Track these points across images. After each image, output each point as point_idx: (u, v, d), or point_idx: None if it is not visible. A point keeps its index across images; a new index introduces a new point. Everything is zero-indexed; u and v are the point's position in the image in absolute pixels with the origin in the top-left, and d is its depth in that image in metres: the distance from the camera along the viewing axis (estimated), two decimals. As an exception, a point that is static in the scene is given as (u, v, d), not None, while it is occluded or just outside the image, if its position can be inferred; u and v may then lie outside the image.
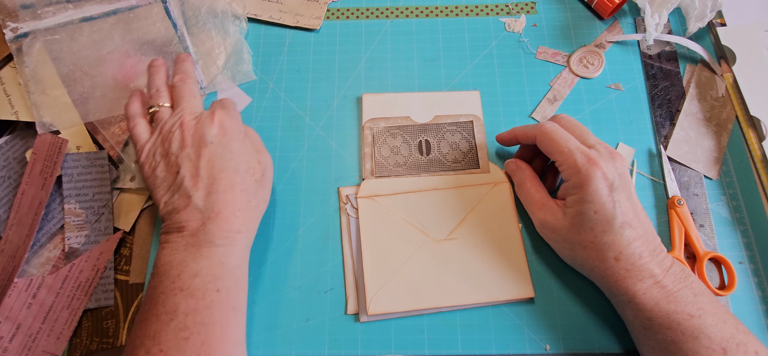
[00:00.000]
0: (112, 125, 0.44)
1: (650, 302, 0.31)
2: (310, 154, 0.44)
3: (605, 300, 0.37)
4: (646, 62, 0.47)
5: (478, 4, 0.51)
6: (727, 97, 0.44)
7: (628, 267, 0.32)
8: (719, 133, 0.43)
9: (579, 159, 0.33)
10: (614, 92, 0.46)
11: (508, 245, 0.39)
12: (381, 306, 0.37)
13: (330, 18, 0.51)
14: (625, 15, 0.50)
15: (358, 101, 0.46)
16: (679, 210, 0.40)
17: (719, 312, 0.31)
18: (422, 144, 0.44)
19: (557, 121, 0.37)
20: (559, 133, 0.35)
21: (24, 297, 0.39)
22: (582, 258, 0.35)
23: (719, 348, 0.30)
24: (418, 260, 0.39)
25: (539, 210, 0.37)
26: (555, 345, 0.37)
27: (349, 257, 0.40)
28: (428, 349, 0.37)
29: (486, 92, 0.46)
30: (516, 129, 0.40)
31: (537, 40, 0.49)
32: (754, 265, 0.39)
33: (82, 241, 0.41)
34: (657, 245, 0.33)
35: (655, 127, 0.44)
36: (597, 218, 0.33)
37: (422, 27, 0.50)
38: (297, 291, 0.39)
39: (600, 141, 0.35)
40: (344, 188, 0.42)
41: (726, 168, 0.42)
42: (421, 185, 0.42)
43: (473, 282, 0.38)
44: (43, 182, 0.40)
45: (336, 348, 0.37)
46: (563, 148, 0.34)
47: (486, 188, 0.42)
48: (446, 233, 0.40)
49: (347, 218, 0.41)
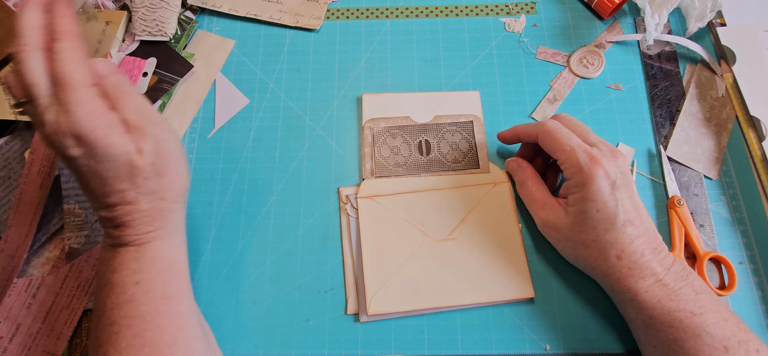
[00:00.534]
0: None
1: (652, 300, 0.31)
2: (310, 154, 0.44)
3: (605, 299, 0.37)
4: (646, 62, 0.47)
5: (478, 4, 0.51)
6: (727, 97, 0.44)
7: (630, 266, 0.32)
8: (719, 133, 0.43)
9: (581, 157, 0.33)
10: (614, 92, 0.46)
11: (508, 245, 0.39)
12: (381, 306, 0.37)
13: (330, 18, 0.51)
14: (625, 15, 0.50)
15: (358, 101, 0.46)
16: (679, 210, 0.40)
17: (721, 310, 0.31)
18: (422, 144, 0.44)
19: (558, 120, 0.37)
20: (561, 131, 0.35)
21: (24, 297, 0.39)
22: (584, 257, 0.35)
23: (721, 345, 0.30)
24: (418, 260, 0.39)
25: (541, 209, 0.37)
26: (555, 345, 0.37)
27: (349, 258, 0.40)
28: (428, 349, 0.37)
29: (486, 92, 0.46)
30: (517, 127, 0.40)
31: (537, 40, 0.49)
32: (754, 265, 0.39)
33: (82, 241, 0.41)
34: (658, 243, 0.33)
35: (655, 127, 0.44)
36: (599, 217, 0.33)
37: (422, 27, 0.50)
38: (297, 291, 0.39)
39: (601, 140, 0.35)
40: (344, 188, 0.42)
41: (726, 168, 0.42)
42: (421, 185, 0.42)
43: (473, 282, 0.38)
44: (41, 182, 0.40)
45: (336, 348, 0.37)
46: (565, 146, 0.34)
47: (486, 188, 0.42)
48: (446, 233, 0.40)
49: (347, 219, 0.41)
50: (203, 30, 0.50)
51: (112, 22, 0.48)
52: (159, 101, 0.46)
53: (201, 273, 0.40)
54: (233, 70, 0.48)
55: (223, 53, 0.49)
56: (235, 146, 0.45)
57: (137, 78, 0.46)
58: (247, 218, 0.42)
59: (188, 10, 0.51)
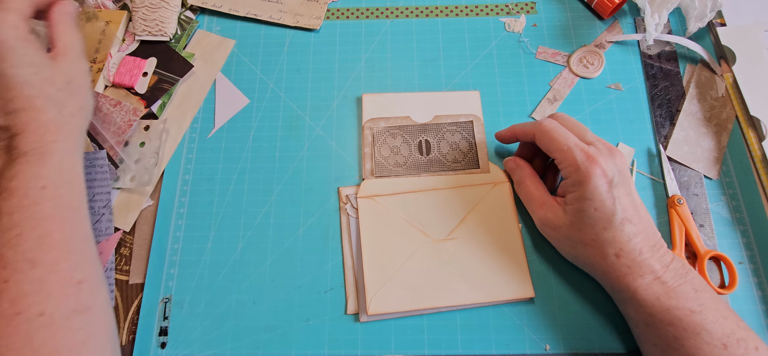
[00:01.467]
0: (112, 125, 0.44)
1: (651, 298, 0.31)
2: (310, 154, 0.44)
3: (605, 299, 0.37)
4: (646, 62, 0.47)
5: (478, 4, 0.51)
6: (727, 97, 0.44)
7: (629, 264, 0.32)
8: (719, 133, 0.43)
9: (578, 156, 0.33)
10: (614, 92, 0.46)
11: (508, 245, 0.39)
12: (381, 306, 0.37)
13: (330, 18, 0.51)
14: (625, 15, 0.50)
15: (358, 101, 0.46)
16: (679, 209, 0.40)
17: (720, 307, 0.31)
18: (422, 144, 0.44)
19: (556, 119, 0.37)
20: (558, 130, 0.35)
21: None
22: (583, 255, 0.35)
23: (720, 343, 0.30)
24: (417, 260, 0.39)
25: (539, 208, 0.37)
26: (555, 345, 0.37)
27: (349, 257, 0.40)
28: (428, 349, 0.37)
29: (486, 92, 0.46)
30: (515, 127, 0.40)
31: (537, 40, 0.49)
32: (754, 265, 0.39)
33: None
34: (657, 241, 0.33)
35: (655, 127, 0.44)
36: (597, 215, 0.33)
37: (422, 27, 0.50)
38: (297, 291, 0.39)
39: (598, 138, 0.35)
40: (344, 188, 0.42)
41: (726, 168, 0.42)
42: (421, 185, 0.42)
43: (473, 282, 0.38)
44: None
45: (336, 348, 0.37)
46: (562, 145, 0.34)
47: (486, 188, 0.42)
48: (446, 233, 0.40)
49: (347, 218, 0.41)
50: (203, 30, 0.50)
51: (112, 22, 0.48)
52: (159, 101, 0.46)
53: (201, 273, 0.40)
54: (233, 70, 0.48)
55: (223, 53, 0.49)
56: (235, 146, 0.45)
57: (137, 78, 0.46)
58: (247, 218, 0.42)
59: (188, 10, 0.51)
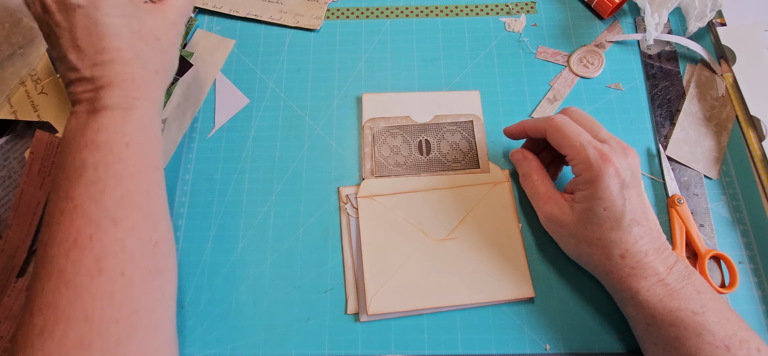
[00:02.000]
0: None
1: (653, 299, 0.31)
2: (310, 154, 0.44)
3: (606, 299, 0.37)
4: (646, 62, 0.47)
5: (478, 4, 0.51)
6: (727, 97, 0.44)
7: (634, 265, 0.32)
8: (719, 133, 0.43)
9: (591, 154, 0.32)
10: (614, 92, 0.46)
11: (508, 244, 0.39)
12: (381, 306, 0.37)
13: (330, 18, 0.51)
14: (625, 15, 0.50)
15: (358, 101, 0.46)
16: (679, 209, 0.40)
17: (722, 309, 0.31)
18: (422, 144, 0.44)
19: (567, 113, 0.36)
20: (571, 126, 0.34)
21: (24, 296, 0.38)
22: (587, 254, 0.34)
23: (722, 344, 0.30)
24: (418, 260, 0.39)
25: (545, 203, 0.37)
26: (555, 345, 0.37)
27: (349, 257, 0.40)
28: (428, 349, 0.37)
29: (486, 92, 0.46)
30: (525, 122, 0.39)
31: (537, 40, 0.49)
32: (754, 265, 0.39)
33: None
34: (662, 243, 0.33)
35: (655, 127, 0.44)
36: (606, 215, 0.32)
37: (422, 27, 0.50)
38: (297, 291, 0.39)
39: (612, 136, 0.34)
40: (344, 187, 0.42)
41: (726, 168, 0.42)
42: (421, 185, 0.42)
43: (473, 282, 0.38)
44: (42, 182, 0.40)
45: (336, 348, 0.37)
46: (575, 142, 0.33)
47: (486, 187, 0.41)
48: (446, 233, 0.40)
49: (347, 218, 0.41)
50: (203, 30, 0.50)
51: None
52: (159, 101, 0.46)
53: (201, 273, 0.40)
54: (233, 70, 0.48)
55: (223, 53, 0.49)
56: (235, 146, 0.45)
57: (137, 78, 0.46)
58: (247, 218, 0.42)
59: (188, 10, 0.51)
